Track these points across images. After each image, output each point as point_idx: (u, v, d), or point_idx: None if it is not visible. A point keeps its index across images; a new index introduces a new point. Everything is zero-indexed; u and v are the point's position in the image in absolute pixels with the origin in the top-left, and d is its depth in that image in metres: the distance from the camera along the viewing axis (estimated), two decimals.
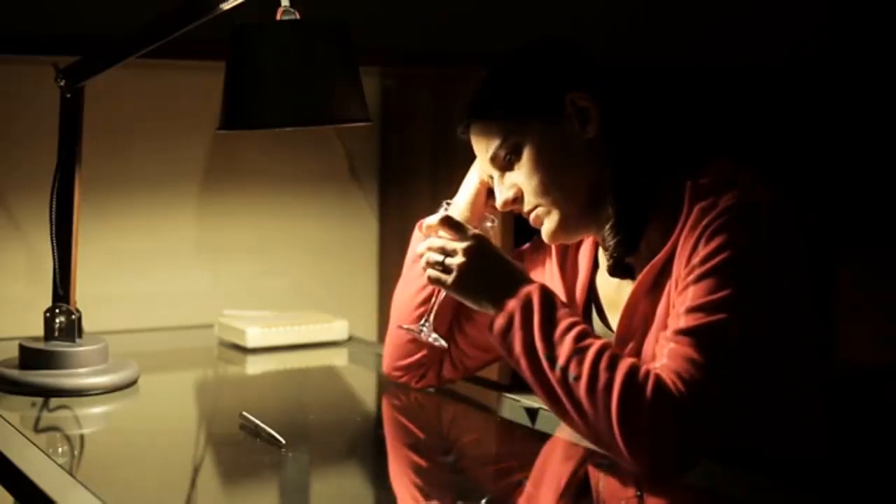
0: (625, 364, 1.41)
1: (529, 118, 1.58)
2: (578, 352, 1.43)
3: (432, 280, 1.57)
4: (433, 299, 1.66)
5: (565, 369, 1.43)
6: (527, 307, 1.48)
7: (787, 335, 1.51)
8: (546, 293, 1.50)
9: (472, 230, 1.58)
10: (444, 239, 1.58)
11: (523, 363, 1.46)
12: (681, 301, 1.45)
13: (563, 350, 1.43)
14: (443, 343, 1.67)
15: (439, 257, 1.56)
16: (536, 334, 1.46)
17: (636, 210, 1.57)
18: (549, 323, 1.46)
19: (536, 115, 1.58)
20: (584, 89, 1.58)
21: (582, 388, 1.41)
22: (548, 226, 1.61)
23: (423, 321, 1.66)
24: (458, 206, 1.78)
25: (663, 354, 1.43)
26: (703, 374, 1.39)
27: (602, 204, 1.58)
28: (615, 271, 1.60)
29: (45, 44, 2.11)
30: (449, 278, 1.55)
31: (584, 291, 1.68)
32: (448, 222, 1.58)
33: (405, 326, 1.71)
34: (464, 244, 1.55)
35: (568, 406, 1.42)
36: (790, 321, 1.51)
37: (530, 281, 1.52)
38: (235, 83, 1.65)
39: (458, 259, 1.54)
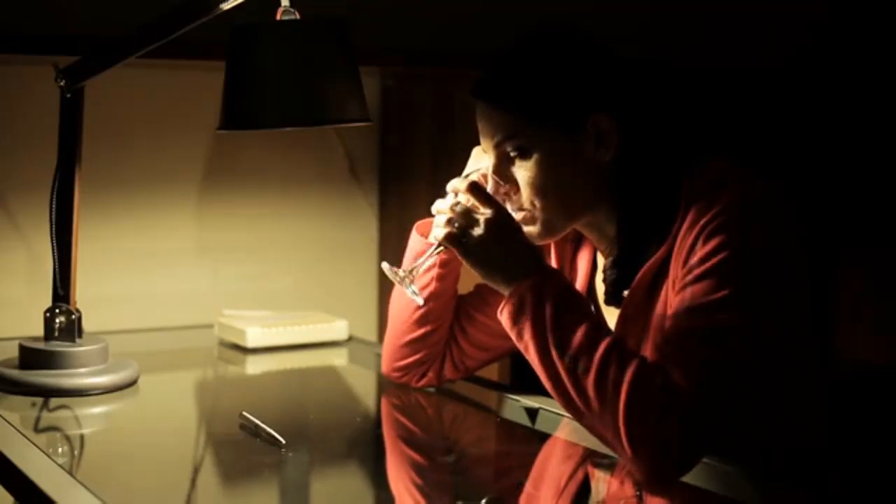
0: (635, 361, 1.40)
1: (546, 125, 1.54)
2: (590, 344, 1.41)
3: (446, 238, 1.52)
4: (428, 253, 1.59)
5: (575, 360, 1.41)
6: (540, 291, 1.45)
7: (786, 335, 1.50)
8: (561, 280, 1.48)
9: (498, 202, 1.53)
10: (467, 205, 1.52)
11: (532, 349, 1.45)
12: (679, 301, 1.45)
13: (575, 340, 1.42)
14: (419, 299, 1.61)
15: (459, 221, 1.51)
16: (548, 321, 1.44)
17: (640, 247, 1.55)
18: (562, 310, 1.44)
19: (555, 124, 1.54)
20: (610, 112, 1.54)
21: (590, 381, 1.40)
22: (534, 229, 1.58)
23: (408, 268, 1.60)
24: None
25: (663, 355, 1.43)
26: (703, 374, 1.39)
27: (593, 215, 1.58)
28: (611, 301, 1.60)
29: (45, 44, 2.11)
30: (464, 245, 1.51)
31: (584, 291, 1.68)
32: (476, 189, 1.53)
33: (388, 266, 1.60)
34: (488, 214, 1.51)
35: (574, 397, 1.41)
36: (788, 321, 1.50)
37: (547, 265, 1.51)
38: (235, 83, 1.65)
39: (479, 229, 1.50)
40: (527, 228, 1.58)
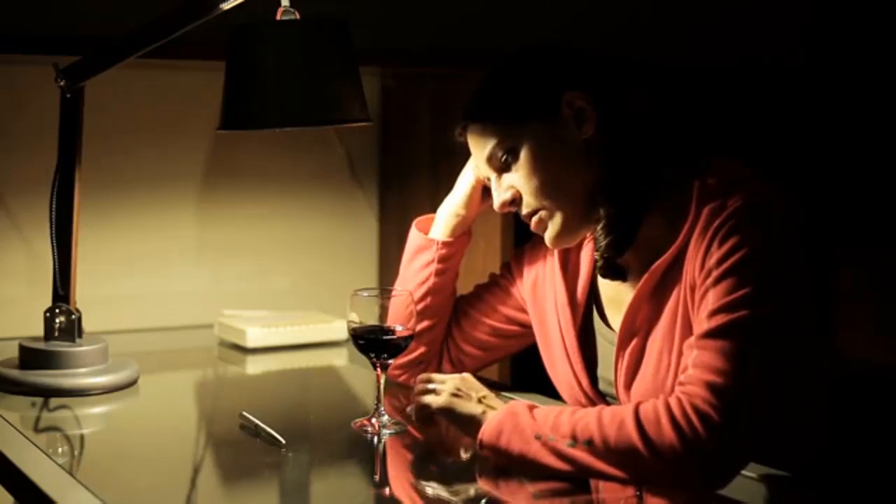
0: (628, 406, 1.43)
1: (526, 119, 1.58)
2: (578, 422, 1.44)
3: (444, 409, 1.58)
4: (378, 384, 1.64)
5: (574, 442, 1.43)
6: (514, 406, 1.50)
7: (798, 334, 1.51)
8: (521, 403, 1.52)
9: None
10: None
11: (544, 451, 1.46)
12: (703, 306, 1.46)
13: (563, 429, 1.45)
14: (393, 432, 1.63)
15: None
16: (530, 430, 1.46)
17: (628, 212, 1.56)
18: (535, 419, 1.47)
19: (533, 115, 1.58)
20: (581, 89, 1.57)
21: (599, 447, 1.42)
22: (550, 232, 1.61)
23: (372, 415, 1.64)
24: (455, 202, 1.79)
25: (689, 364, 1.44)
26: (730, 374, 1.41)
27: (600, 205, 1.58)
28: (606, 272, 1.60)
29: (45, 44, 2.11)
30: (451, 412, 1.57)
31: (585, 290, 1.68)
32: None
33: (358, 423, 1.65)
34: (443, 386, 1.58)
35: (599, 467, 1.43)
36: (799, 320, 1.51)
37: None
38: (235, 83, 1.65)
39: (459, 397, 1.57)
40: (547, 233, 1.60)
